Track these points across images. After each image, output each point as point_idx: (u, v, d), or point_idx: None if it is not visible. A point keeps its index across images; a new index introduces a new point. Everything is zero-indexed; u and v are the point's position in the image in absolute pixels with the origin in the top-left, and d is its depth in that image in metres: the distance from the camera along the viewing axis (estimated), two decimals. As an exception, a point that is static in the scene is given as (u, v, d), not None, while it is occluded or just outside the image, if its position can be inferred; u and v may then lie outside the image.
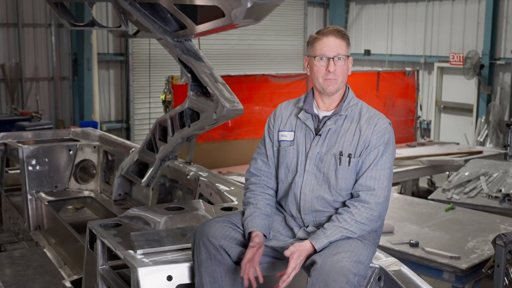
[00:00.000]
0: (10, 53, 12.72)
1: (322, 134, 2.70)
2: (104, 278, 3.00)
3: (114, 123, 14.10)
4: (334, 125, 2.70)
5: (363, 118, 2.70)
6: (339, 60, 2.66)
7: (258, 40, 15.14)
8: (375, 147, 2.64)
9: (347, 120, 2.71)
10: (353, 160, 2.64)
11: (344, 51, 2.68)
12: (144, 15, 3.69)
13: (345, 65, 2.69)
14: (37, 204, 5.23)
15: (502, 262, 4.45)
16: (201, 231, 2.66)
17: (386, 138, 2.66)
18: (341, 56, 2.66)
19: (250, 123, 9.78)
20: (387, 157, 2.65)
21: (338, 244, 2.51)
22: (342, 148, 2.66)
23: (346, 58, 2.68)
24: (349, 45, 2.72)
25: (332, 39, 2.67)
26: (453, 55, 13.56)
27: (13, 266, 4.39)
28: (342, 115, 2.71)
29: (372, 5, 16.18)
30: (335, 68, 2.66)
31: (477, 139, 12.95)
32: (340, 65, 2.67)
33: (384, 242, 5.04)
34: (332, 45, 2.66)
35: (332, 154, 2.67)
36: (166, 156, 4.44)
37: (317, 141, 2.70)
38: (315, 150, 2.69)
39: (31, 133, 6.46)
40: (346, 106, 2.72)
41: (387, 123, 2.71)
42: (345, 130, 2.69)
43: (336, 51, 2.66)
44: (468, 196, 6.86)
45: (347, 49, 2.70)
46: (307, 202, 2.69)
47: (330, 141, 2.69)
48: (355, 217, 2.56)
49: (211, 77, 3.70)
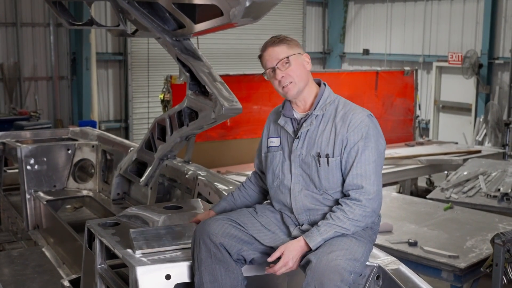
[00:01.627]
0: (9, 52, 12.71)
1: (300, 136, 2.72)
2: (102, 277, 3.00)
3: (112, 123, 14.10)
4: (310, 126, 2.70)
5: (338, 116, 2.68)
6: (285, 64, 2.68)
7: (257, 39, 15.01)
8: (354, 143, 2.61)
9: (323, 120, 2.70)
10: (331, 160, 2.64)
11: (284, 54, 2.68)
12: (143, 14, 3.69)
13: (293, 65, 2.68)
14: (35, 203, 5.23)
15: (500, 261, 4.45)
16: (201, 230, 2.67)
17: (364, 132, 2.62)
18: (282, 59, 2.67)
19: (249, 122, 9.77)
20: (369, 151, 2.61)
21: (333, 243, 2.52)
22: (320, 149, 2.66)
23: (287, 59, 2.67)
24: (292, 46, 2.70)
25: (269, 50, 2.70)
26: (451, 55, 13.57)
27: (11, 265, 4.39)
28: (318, 115, 2.70)
29: (370, 5, 16.18)
30: (282, 73, 2.68)
31: (475, 138, 12.96)
32: (285, 68, 2.68)
33: (383, 241, 5.04)
34: (271, 56, 2.70)
35: (311, 156, 2.68)
36: (165, 155, 4.43)
37: (297, 144, 2.72)
38: (296, 153, 2.72)
39: (29, 133, 6.45)
40: (322, 105, 2.72)
41: (364, 116, 2.65)
42: (321, 130, 2.69)
43: (277, 59, 2.68)
44: (466, 196, 6.86)
45: (290, 50, 2.69)
46: (299, 202, 2.71)
47: (309, 142, 2.70)
48: (347, 214, 2.56)
49: (210, 76, 3.70)
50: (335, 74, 11.19)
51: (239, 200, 3.02)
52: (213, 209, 3.04)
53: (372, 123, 2.66)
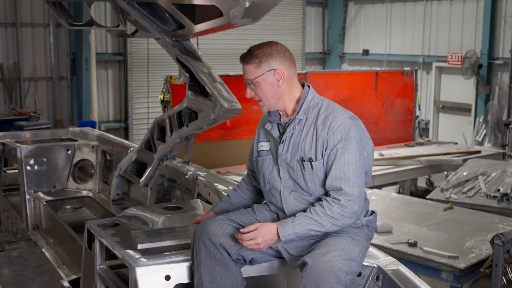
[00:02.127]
0: (8, 52, 12.71)
1: (285, 141, 2.72)
2: (102, 277, 3.00)
3: (112, 123, 14.09)
4: (294, 131, 2.70)
5: (320, 119, 2.66)
6: (252, 85, 2.70)
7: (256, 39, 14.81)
8: (333, 145, 2.59)
9: (307, 124, 2.69)
10: (315, 163, 2.63)
11: (251, 75, 2.68)
12: (142, 14, 3.69)
13: (261, 85, 2.67)
14: (35, 204, 5.22)
15: (500, 261, 4.46)
16: (200, 230, 2.67)
17: (344, 134, 2.59)
18: (249, 81, 2.69)
19: (248, 122, 9.77)
20: (349, 153, 2.58)
21: (328, 243, 2.52)
22: (303, 153, 2.66)
23: (252, 82, 2.68)
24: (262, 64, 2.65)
25: (243, 66, 2.72)
26: (451, 55, 13.57)
27: (11, 266, 4.39)
28: (302, 119, 2.70)
29: (370, 5, 16.18)
30: (251, 93, 2.72)
31: (475, 138, 12.96)
32: (255, 87, 2.69)
33: (383, 242, 5.05)
34: (243, 71, 2.72)
35: (296, 160, 2.68)
36: (165, 155, 4.43)
37: (282, 149, 2.72)
38: (282, 157, 2.72)
39: (29, 133, 6.45)
40: (305, 108, 2.70)
41: (344, 118, 2.62)
42: (305, 134, 2.68)
43: (246, 78, 2.71)
44: (466, 196, 6.86)
45: (258, 70, 2.66)
46: (290, 205, 2.72)
47: (293, 147, 2.70)
48: (325, 210, 2.55)
49: (209, 77, 3.70)
50: (335, 75, 11.18)
51: (235, 200, 3.04)
52: (212, 211, 3.05)
53: (354, 124, 2.63)
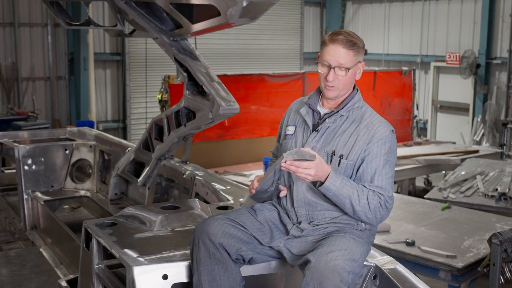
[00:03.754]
0: (6, 52, 12.69)
1: (320, 130, 2.72)
2: (99, 277, 3.00)
3: (110, 123, 14.08)
4: (333, 124, 2.70)
5: (364, 123, 2.68)
6: (340, 71, 2.64)
7: (254, 39, 15.13)
8: (377, 156, 2.63)
9: (347, 121, 2.71)
10: (343, 161, 2.65)
11: (348, 62, 2.64)
12: (140, 14, 3.69)
13: (346, 75, 2.66)
14: (33, 203, 5.22)
15: (497, 260, 4.47)
16: (200, 230, 2.67)
17: (387, 147, 2.64)
18: (343, 67, 2.64)
19: (246, 122, 9.78)
20: (389, 166, 2.65)
21: (332, 242, 2.52)
22: (335, 147, 2.67)
23: (347, 70, 2.65)
24: (358, 54, 2.66)
25: (338, 48, 2.63)
26: (449, 55, 13.58)
27: (9, 265, 4.38)
28: (343, 115, 2.71)
29: (368, 5, 16.19)
30: (333, 78, 2.65)
31: (473, 138, 12.97)
32: (340, 75, 2.65)
33: (381, 241, 5.05)
34: (336, 55, 2.63)
35: (325, 151, 2.68)
36: (162, 155, 4.43)
37: (313, 137, 2.72)
38: (310, 145, 2.70)
39: (27, 133, 6.44)
40: (350, 107, 2.72)
41: (388, 131, 2.67)
42: (343, 130, 2.69)
43: (338, 62, 2.64)
44: (464, 195, 6.88)
45: (355, 58, 2.65)
46: (300, 194, 2.71)
47: (327, 138, 2.70)
48: (369, 195, 2.58)
49: (207, 76, 3.70)
50: (333, 74, 11.17)
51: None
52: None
53: (393, 139, 2.70)
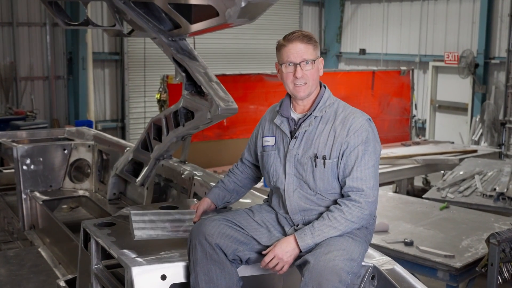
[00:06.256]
0: (5, 52, 12.68)
1: (298, 136, 2.72)
2: (98, 277, 3.00)
3: (109, 122, 14.08)
4: (309, 127, 2.71)
5: (338, 119, 2.69)
6: (306, 65, 2.68)
7: (253, 39, 15.13)
8: (354, 147, 2.63)
9: (322, 121, 2.71)
10: (328, 162, 2.65)
11: (310, 55, 2.69)
12: (139, 14, 3.69)
13: (312, 69, 2.70)
14: (31, 203, 5.22)
15: (495, 260, 4.47)
16: (197, 230, 2.67)
17: (364, 137, 2.64)
18: (308, 61, 2.68)
19: (245, 122, 9.78)
20: (369, 155, 2.63)
21: (330, 243, 2.52)
22: (317, 150, 2.67)
23: (313, 62, 2.69)
24: (316, 48, 2.72)
25: (297, 45, 2.68)
26: (448, 54, 13.58)
27: (7, 265, 4.38)
28: (317, 116, 2.71)
29: (367, 4, 16.19)
30: (302, 73, 2.68)
31: (471, 138, 12.98)
32: (307, 69, 2.69)
33: (379, 241, 5.05)
34: (298, 51, 2.68)
35: (308, 156, 2.69)
36: (161, 155, 4.43)
37: (293, 144, 2.73)
38: (292, 153, 2.72)
39: (25, 132, 6.43)
40: (321, 106, 2.73)
41: (364, 120, 2.67)
42: (320, 131, 2.70)
43: (302, 57, 2.68)
44: (462, 195, 6.88)
45: (315, 52, 2.71)
46: (293, 203, 2.72)
47: (306, 143, 2.71)
48: (345, 215, 2.57)
49: (206, 76, 3.70)
50: (331, 74, 11.21)
51: (231, 185, 3.07)
52: (207, 196, 3.07)
53: (371, 127, 2.68)
